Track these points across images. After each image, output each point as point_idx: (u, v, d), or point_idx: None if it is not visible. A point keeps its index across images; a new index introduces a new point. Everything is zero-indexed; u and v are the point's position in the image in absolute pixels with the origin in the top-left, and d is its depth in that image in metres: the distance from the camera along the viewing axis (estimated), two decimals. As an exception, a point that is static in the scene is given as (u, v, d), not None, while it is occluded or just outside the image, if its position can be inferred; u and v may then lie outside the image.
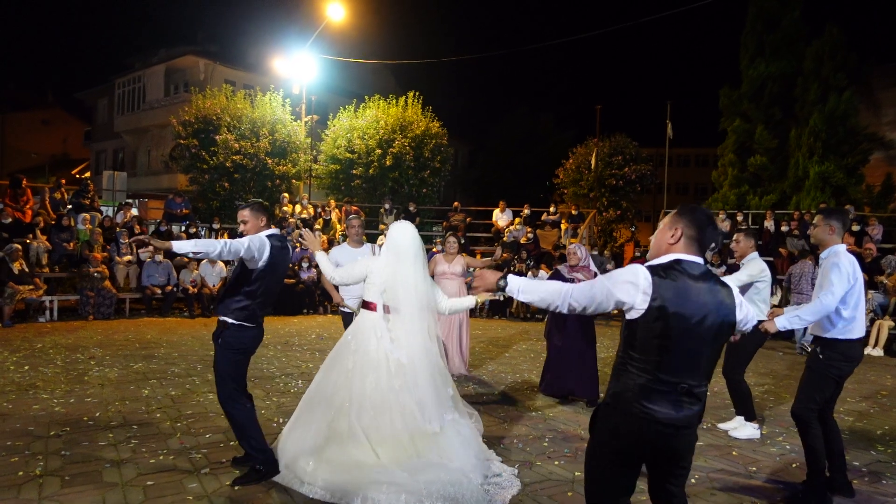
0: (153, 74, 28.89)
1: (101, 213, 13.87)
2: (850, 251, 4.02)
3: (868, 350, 10.18)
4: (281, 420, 5.13)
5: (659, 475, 2.40)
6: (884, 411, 6.26)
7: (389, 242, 3.96)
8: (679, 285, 2.23)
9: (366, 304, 4.01)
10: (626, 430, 2.28)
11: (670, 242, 2.36)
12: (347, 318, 5.70)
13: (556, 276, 6.52)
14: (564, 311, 2.39)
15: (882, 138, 17.92)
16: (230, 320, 3.88)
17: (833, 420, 4.04)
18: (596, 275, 6.40)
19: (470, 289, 2.94)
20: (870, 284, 10.95)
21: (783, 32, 18.94)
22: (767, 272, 5.10)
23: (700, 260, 2.33)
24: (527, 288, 2.47)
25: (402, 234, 3.93)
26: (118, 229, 12.81)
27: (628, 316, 2.29)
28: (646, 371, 2.25)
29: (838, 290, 3.74)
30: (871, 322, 10.43)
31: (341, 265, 5.55)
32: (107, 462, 4.07)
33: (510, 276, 2.54)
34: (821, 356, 3.93)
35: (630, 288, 2.24)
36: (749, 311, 2.44)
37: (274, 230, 4.08)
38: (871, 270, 11.65)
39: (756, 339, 5.00)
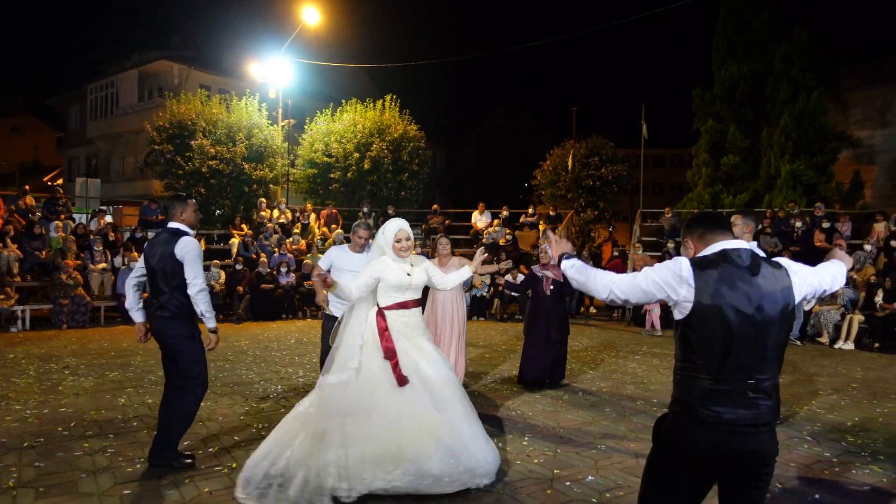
0: (126, 80, 28.50)
1: (73, 220, 13.65)
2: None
3: (839, 344, 10.41)
4: (260, 426, 5.10)
5: (736, 486, 2.20)
6: (854, 403, 6.41)
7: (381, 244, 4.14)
8: (725, 274, 2.14)
9: (382, 308, 4.07)
10: (696, 439, 2.14)
11: (694, 247, 2.34)
12: (328, 323, 5.60)
13: (530, 275, 7.09)
14: (606, 298, 2.35)
15: (850, 137, 18.30)
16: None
17: None
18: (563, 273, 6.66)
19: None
20: (840, 280, 11.20)
21: (754, 34, 19.29)
22: None
23: (747, 245, 2.26)
24: (579, 267, 2.46)
25: (381, 229, 4.17)
26: (92, 237, 12.63)
27: (678, 316, 2.22)
28: (708, 372, 2.13)
29: None
30: (842, 316, 10.67)
31: (336, 266, 5.56)
32: (82, 472, 4.02)
33: (570, 257, 2.55)
34: None
35: (673, 278, 2.18)
36: (810, 276, 2.33)
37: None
38: (842, 266, 11.91)
39: None
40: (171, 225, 4.21)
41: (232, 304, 12.46)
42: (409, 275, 4.08)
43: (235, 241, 14.30)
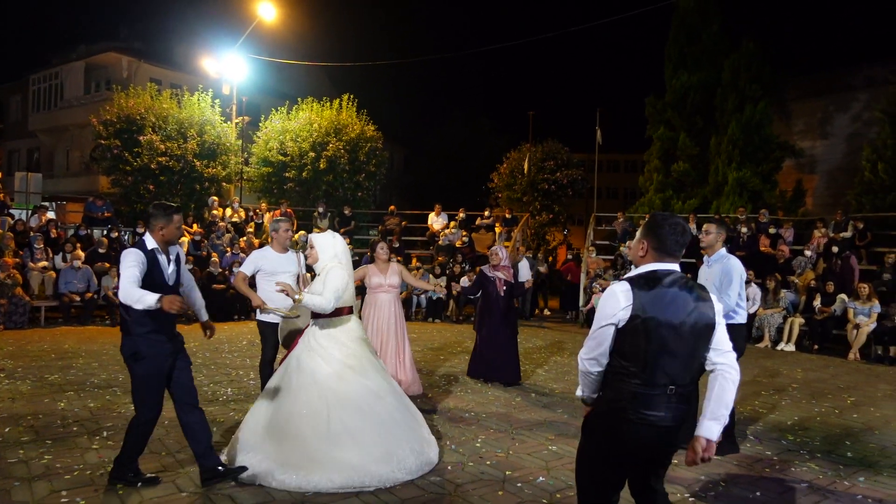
0: (72, 71, 27.46)
1: (12, 216, 13.06)
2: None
3: (781, 346, 10.81)
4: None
5: (645, 473, 2.55)
6: (794, 403, 6.66)
7: (335, 251, 4.33)
8: (655, 293, 2.38)
9: (338, 311, 4.26)
10: (622, 436, 2.40)
11: (640, 255, 2.56)
12: (269, 328, 5.49)
13: (481, 275, 7.29)
14: (588, 369, 2.53)
15: (793, 147, 19.04)
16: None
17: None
18: (514, 273, 7.33)
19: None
20: (782, 284, 11.64)
21: (703, 45, 19.88)
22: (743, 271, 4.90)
23: (673, 266, 2.49)
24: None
25: (340, 242, 4.41)
26: (32, 233, 12.11)
27: (617, 327, 2.42)
28: (636, 376, 2.37)
29: (737, 287, 4.60)
30: (784, 319, 11.08)
31: (263, 270, 5.47)
32: (16, 480, 3.83)
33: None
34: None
35: (616, 308, 2.40)
36: (722, 308, 2.56)
37: None
38: (784, 271, 12.38)
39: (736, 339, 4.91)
40: (146, 239, 3.78)
41: (181, 304, 12.12)
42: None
43: (185, 240, 13.91)
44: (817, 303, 10.98)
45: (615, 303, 2.40)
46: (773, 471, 4.45)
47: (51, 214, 14.36)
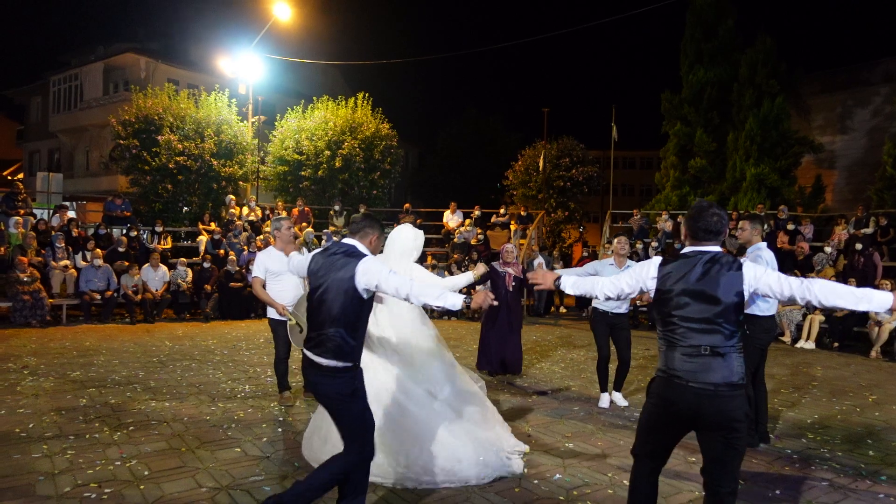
0: (91, 72, 27.81)
1: (34, 216, 13.27)
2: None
3: (801, 343, 10.68)
4: (226, 426, 5.03)
5: (706, 439, 2.73)
6: (814, 401, 6.58)
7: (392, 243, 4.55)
8: (680, 267, 2.77)
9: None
10: (667, 395, 2.75)
11: (683, 239, 3.00)
12: (280, 326, 5.54)
13: (492, 271, 7.50)
14: (601, 297, 3.03)
15: (812, 142, 18.78)
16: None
17: (763, 384, 4.94)
18: (524, 269, 7.66)
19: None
20: (802, 281, 11.50)
21: (719, 41, 19.67)
22: (773, 261, 4.92)
23: (704, 248, 2.81)
24: (575, 284, 3.12)
25: (396, 234, 4.56)
26: (54, 233, 12.29)
27: (653, 297, 2.85)
28: (669, 341, 2.76)
29: None
30: (804, 317, 10.95)
31: (269, 270, 5.52)
32: (40, 475, 3.90)
33: (563, 277, 3.15)
34: (747, 331, 4.61)
35: (644, 274, 2.86)
36: (770, 278, 2.72)
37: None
38: (803, 267, 12.23)
39: (756, 339, 4.81)
40: (358, 247, 3.24)
41: (199, 302, 12.25)
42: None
43: (203, 238, 14.06)
44: (837, 300, 10.84)
45: (647, 270, 2.87)
46: (793, 469, 4.41)
47: (71, 214, 14.55)
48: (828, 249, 12.56)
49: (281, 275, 5.57)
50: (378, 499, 3.68)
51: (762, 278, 2.71)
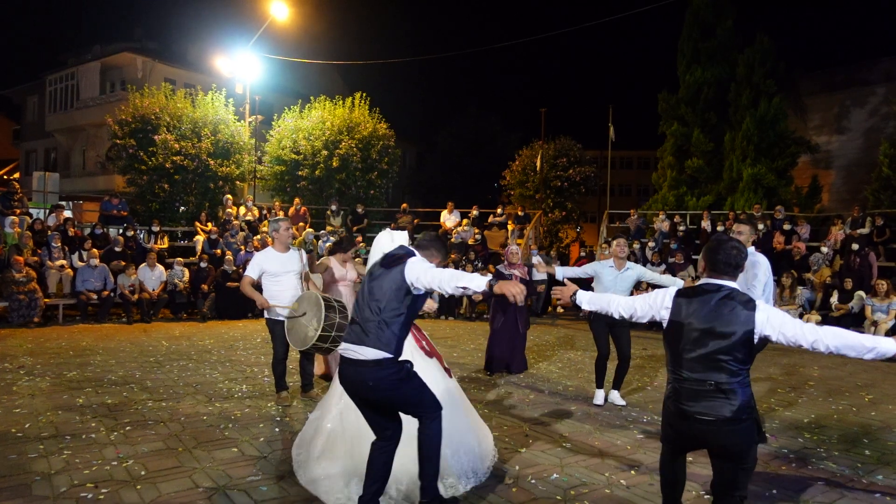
0: (88, 71, 27.75)
1: (30, 215, 13.23)
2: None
3: (797, 343, 10.69)
4: (223, 426, 5.02)
5: (715, 466, 2.85)
6: (811, 401, 6.60)
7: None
8: (694, 301, 2.82)
9: None
10: (675, 425, 2.86)
11: (701, 271, 3.05)
12: (278, 326, 5.53)
13: (497, 273, 7.64)
14: (616, 316, 3.15)
15: (809, 142, 18.84)
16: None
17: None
18: (529, 271, 7.87)
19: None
20: (798, 281, 11.53)
21: (717, 41, 19.72)
22: (769, 267, 5.07)
23: (720, 281, 2.86)
24: (591, 300, 3.25)
25: (376, 242, 4.35)
26: (50, 232, 12.26)
27: (665, 327, 2.91)
28: (676, 372, 2.83)
29: (762, 280, 4.86)
30: (800, 317, 10.98)
31: (268, 271, 5.50)
32: (37, 475, 3.89)
33: (580, 293, 3.26)
34: None
35: (660, 304, 2.94)
36: (785, 324, 2.77)
37: None
38: (800, 268, 12.26)
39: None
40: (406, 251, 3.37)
41: (196, 302, 12.23)
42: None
43: (200, 238, 14.04)
44: (834, 300, 10.87)
45: (662, 300, 2.94)
46: (789, 468, 4.42)
47: (68, 213, 14.51)
48: (824, 249, 12.60)
49: (279, 275, 5.57)
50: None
51: (775, 325, 2.75)
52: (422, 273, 3.13)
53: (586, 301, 3.24)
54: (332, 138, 18.02)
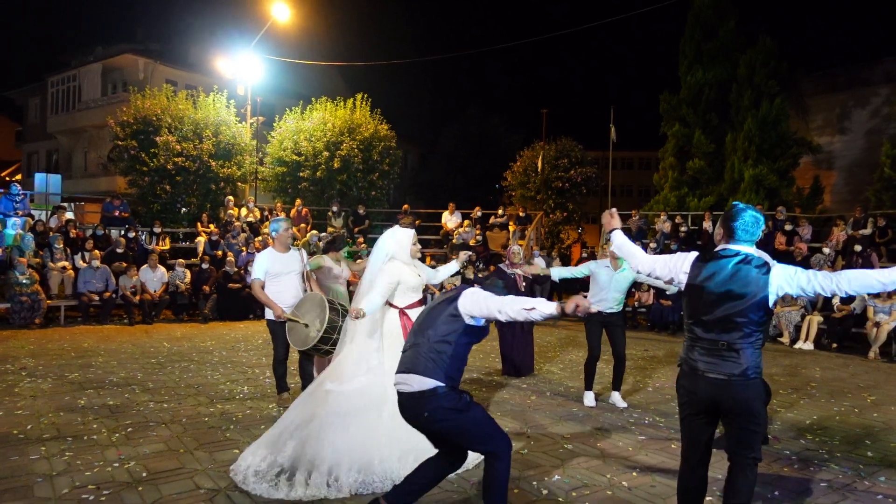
0: (89, 73, 27.80)
1: (32, 217, 13.25)
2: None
3: (799, 344, 10.68)
4: (225, 427, 5.02)
5: (728, 424, 2.93)
6: (813, 402, 6.58)
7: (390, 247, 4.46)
8: (713, 265, 2.91)
9: (403, 308, 4.41)
10: (688, 385, 2.95)
11: (717, 239, 3.11)
12: (279, 327, 5.54)
13: (499, 271, 7.51)
14: (634, 269, 3.28)
15: (810, 143, 18.79)
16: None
17: None
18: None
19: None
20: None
21: (719, 41, 19.68)
22: None
23: (736, 247, 2.94)
24: (621, 245, 3.35)
25: (390, 237, 4.46)
26: (52, 234, 12.28)
27: (682, 289, 3.02)
28: (692, 333, 2.95)
29: None
30: (802, 317, 10.96)
31: (270, 271, 5.52)
32: (38, 476, 3.90)
33: (616, 232, 3.41)
34: None
35: (679, 266, 3.04)
36: (799, 276, 2.84)
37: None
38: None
39: None
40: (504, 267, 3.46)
41: (198, 303, 12.24)
42: (419, 275, 4.47)
43: (202, 239, 14.05)
44: (836, 301, 10.85)
45: (682, 263, 3.03)
46: (791, 470, 4.41)
47: (69, 215, 14.54)
48: (826, 250, 12.57)
49: (280, 276, 5.57)
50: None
51: (792, 281, 2.84)
52: (479, 301, 3.08)
53: (617, 244, 3.36)
54: (334, 139, 18.03)
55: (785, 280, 2.83)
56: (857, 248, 11.92)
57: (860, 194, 18.24)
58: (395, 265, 4.35)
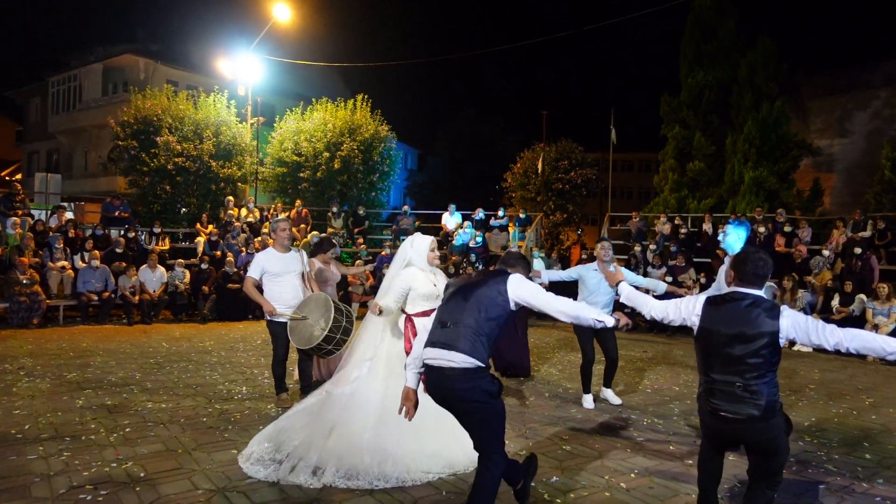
0: (90, 73, 27.82)
1: (32, 217, 13.25)
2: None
3: (798, 346, 10.68)
4: (223, 427, 5.01)
5: (750, 457, 3.09)
6: (811, 404, 6.58)
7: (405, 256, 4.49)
8: (724, 308, 3.01)
9: (411, 315, 4.39)
10: (709, 424, 3.08)
11: (729, 281, 3.31)
12: (280, 328, 5.55)
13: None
14: (648, 317, 3.36)
15: (810, 145, 18.81)
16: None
17: None
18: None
19: None
20: (799, 284, 11.51)
21: (719, 43, 19.71)
22: None
23: (747, 290, 3.04)
24: (629, 296, 3.46)
25: (409, 243, 4.49)
26: (52, 233, 12.27)
27: (695, 333, 3.12)
28: (707, 374, 3.04)
29: None
30: (801, 320, 10.94)
31: (269, 271, 5.54)
32: (36, 476, 3.89)
33: (623, 284, 3.55)
34: None
35: (691, 310, 3.14)
36: (809, 327, 2.95)
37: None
38: (801, 270, 12.24)
39: None
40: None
41: (197, 304, 12.24)
42: (435, 285, 4.36)
43: (201, 239, 14.05)
44: (835, 303, 10.85)
45: (693, 306, 3.14)
46: (790, 472, 4.40)
47: (69, 215, 14.53)
48: (826, 253, 12.57)
49: (280, 276, 5.57)
50: (374, 500, 3.67)
51: (799, 329, 2.95)
52: (532, 292, 3.10)
53: (625, 295, 3.48)
54: (334, 140, 18.04)
55: (793, 326, 2.93)
56: (857, 250, 11.92)
57: (860, 196, 18.23)
58: (410, 272, 4.36)
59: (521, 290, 3.11)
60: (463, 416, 3.10)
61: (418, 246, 4.42)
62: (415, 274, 4.35)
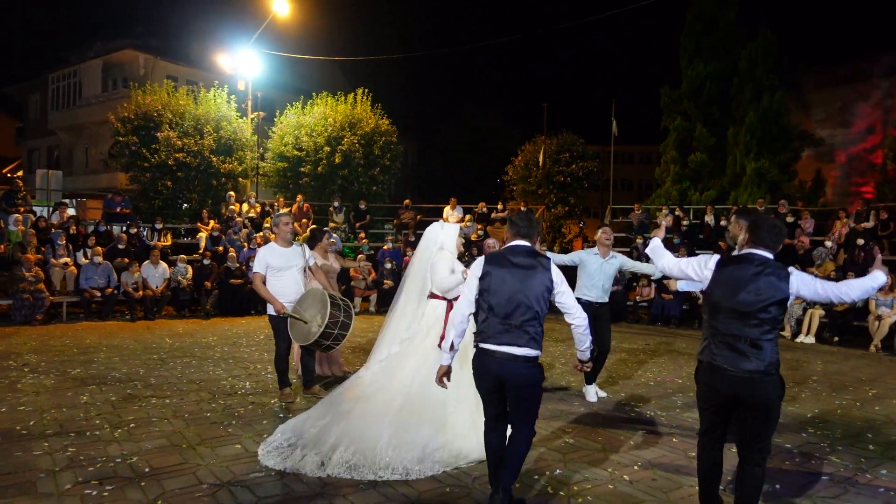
0: (90, 69, 27.75)
1: (34, 213, 13.26)
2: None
3: (801, 338, 10.68)
4: (227, 422, 5.03)
5: (741, 417, 3.11)
6: (814, 395, 6.59)
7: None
8: (733, 267, 3.12)
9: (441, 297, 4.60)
10: (710, 381, 3.15)
11: (741, 241, 3.42)
12: (281, 323, 5.56)
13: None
14: (658, 267, 3.56)
15: (812, 136, 18.77)
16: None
17: None
18: None
19: None
20: (802, 275, 11.49)
21: (720, 34, 19.64)
22: None
23: (759, 252, 3.15)
24: (653, 248, 3.67)
25: (439, 229, 4.72)
26: (53, 230, 12.28)
27: (706, 288, 3.23)
28: (714, 330, 3.14)
29: None
30: (803, 311, 10.95)
31: (272, 266, 5.54)
32: (41, 472, 3.91)
33: (655, 239, 3.71)
34: None
35: (704, 265, 3.24)
36: (816, 285, 3.08)
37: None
38: (804, 262, 12.22)
39: None
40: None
41: (200, 299, 12.26)
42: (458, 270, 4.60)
43: (203, 235, 14.06)
44: (838, 294, 10.83)
45: (706, 262, 3.24)
46: (793, 463, 4.42)
47: (71, 211, 14.53)
48: (828, 244, 12.54)
49: (282, 270, 5.58)
50: (378, 494, 3.68)
51: (807, 288, 3.07)
52: (568, 289, 3.52)
53: (651, 247, 3.68)
54: (335, 134, 18.01)
55: (802, 282, 3.06)
56: (860, 241, 11.89)
57: (861, 187, 18.19)
58: (450, 256, 4.55)
59: (566, 287, 3.51)
60: (517, 398, 3.41)
61: (449, 231, 4.60)
62: (452, 257, 4.56)
